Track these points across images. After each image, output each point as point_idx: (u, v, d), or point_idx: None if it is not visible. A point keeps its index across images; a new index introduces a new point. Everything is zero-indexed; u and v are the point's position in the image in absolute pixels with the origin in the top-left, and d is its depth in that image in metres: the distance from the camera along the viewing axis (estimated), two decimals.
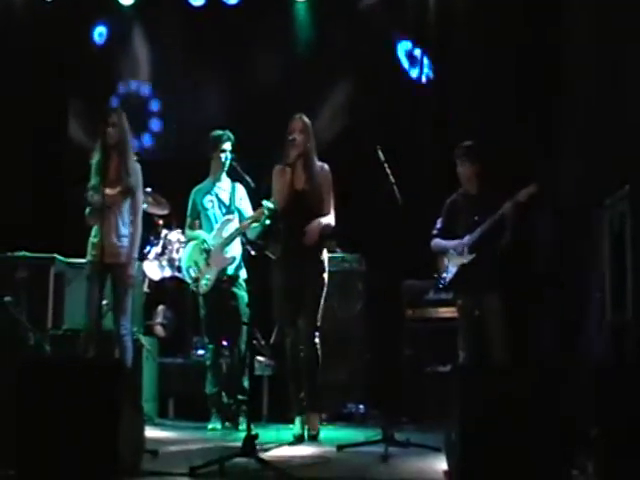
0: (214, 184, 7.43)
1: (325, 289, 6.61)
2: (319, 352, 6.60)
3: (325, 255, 6.68)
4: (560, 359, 6.35)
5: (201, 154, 7.47)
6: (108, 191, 6.44)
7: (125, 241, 6.56)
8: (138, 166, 6.68)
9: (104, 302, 6.65)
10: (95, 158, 6.57)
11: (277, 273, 6.62)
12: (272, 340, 7.79)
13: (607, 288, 6.63)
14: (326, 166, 6.70)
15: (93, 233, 6.53)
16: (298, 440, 6.44)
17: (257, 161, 7.19)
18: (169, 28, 9.56)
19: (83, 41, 9.55)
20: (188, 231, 7.50)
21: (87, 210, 6.52)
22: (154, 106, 9.61)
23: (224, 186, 7.42)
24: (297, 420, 6.60)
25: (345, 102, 9.16)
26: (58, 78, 9.36)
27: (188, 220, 7.49)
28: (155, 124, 9.56)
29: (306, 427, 6.54)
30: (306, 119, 6.65)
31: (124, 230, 6.56)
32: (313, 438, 6.50)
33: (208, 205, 7.39)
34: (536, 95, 8.18)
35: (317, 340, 6.58)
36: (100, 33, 9.66)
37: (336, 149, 8.46)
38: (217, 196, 7.40)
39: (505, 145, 7.96)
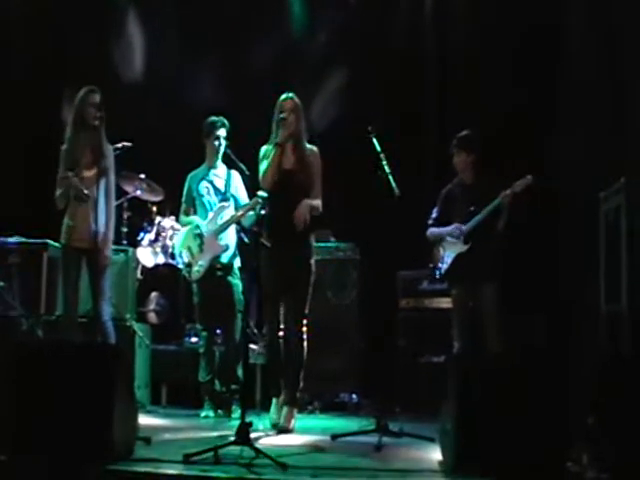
0: (209, 171, 7.40)
1: (313, 275, 6.50)
2: (304, 343, 6.46)
3: (313, 240, 6.58)
4: (554, 349, 6.34)
5: (196, 140, 7.43)
6: (85, 173, 6.37)
7: (102, 225, 6.38)
8: (110, 147, 6.55)
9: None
10: (66, 141, 6.47)
11: (264, 257, 6.43)
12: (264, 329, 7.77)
13: (602, 279, 6.64)
14: (315, 149, 6.58)
15: (68, 216, 6.42)
16: (273, 427, 6.33)
17: (252, 147, 7.15)
18: (163, 12, 9.52)
19: (78, 29, 9.49)
20: (183, 217, 7.47)
21: (58, 192, 6.42)
22: None
23: (220, 173, 7.39)
24: (273, 403, 6.54)
25: (341, 88, 9.11)
26: (53, 66, 9.31)
27: (183, 206, 7.46)
28: None
29: (282, 417, 6.42)
30: (297, 99, 6.53)
31: (100, 213, 6.37)
32: (285, 431, 6.31)
33: (203, 191, 7.35)
34: (533, 86, 8.16)
35: (304, 329, 6.45)
36: None
37: (331, 136, 8.43)
38: (212, 183, 7.36)
39: (501, 135, 7.94)
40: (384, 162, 6.20)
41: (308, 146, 6.57)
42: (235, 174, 7.30)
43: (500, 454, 4.53)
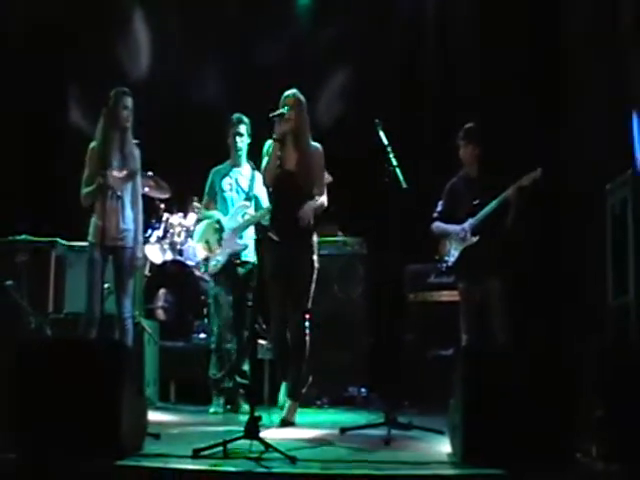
0: (232, 168, 7.38)
1: (315, 273, 6.46)
2: (307, 338, 6.43)
3: (315, 238, 6.54)
4: (562, 341, 6.34)
5: (203, 137, 7.45)
6: (116, 173, 6.45)
7: (130, 224, 6.55)
8: (138, 150, 6.67)
9: (105, 285, 6.64)
10: (97, 140, 6.54)
11: (267, 255, 6.42)
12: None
13: (609, 272, 6.63)
14: (319, 146, 6.51)
15: (96, 215, 6.50)
16: (284, 424, 6.24)
17: (259, 145, 7.15)
18: (167, 9, 9.54)
19: (83, 25, 9.50)
20: (204, 210, 7.47)
21: (86, 190, 6.49)
22: None
23: (245, 172, 7.36)
24: (282, 387, 6.58)
25: (347, 85, 9.12)
26: (57, 63, 9.32)
27: (205, 198, 7.45)
28: None
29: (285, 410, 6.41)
30: (300, 96, 6.45)
31: (128, 213, 6.55)
32: (288, 424, 6.31)
33: (226, 187, 7.34)
34: (539, 79, 8.16)
35: (306, 324, 6.43)
36: None
37: (338, 130, 8.45)
38: (236, 181, 7.34)
39: (508, 128, 7.93)
40: (391, 155, 6.20)
41: (313, 143, 6.53)
42: (259, 175, 7.26)
43: (508, 446, 4.52)
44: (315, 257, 6.50)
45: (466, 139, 6.87)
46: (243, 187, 7.33)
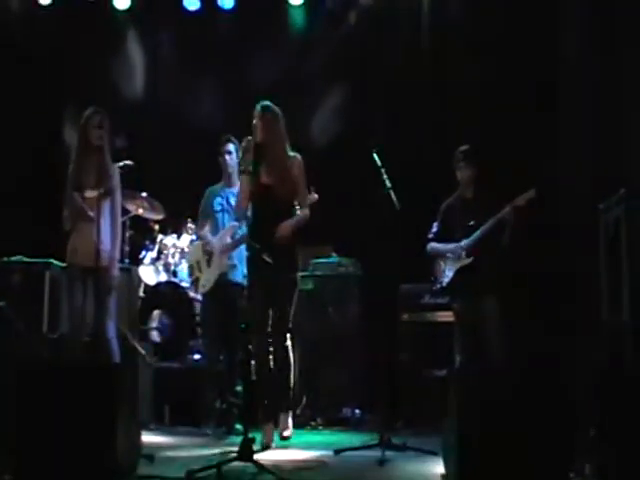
0: (225, 188, 7.39)
1: (297, 289, 6.45)
2: (290, 354, 6.42)
3: (297, 254, 6.50)
4: (557, 361, 6.34)
5: (197, 158, 7.47)
6: (89, 193, 6.44)
7: (107, 243, 6.48)
8: (116, 167, 6.63)
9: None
10: (74, 160, 6.55)
11: (249, 272, 6.39)
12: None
13: (604, 291, 6.63)
14: (298, 156, 6.43)
15: (73, 236, 6.52)
16: (265, 448, 6.13)
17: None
18: (165, 33, 9.57)
19: (78, 46, 9.53)
20: (198, 230, 7.50)
21: (65, 213, 6.51)
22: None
23: (236, 191, 7.38)
24: (264, 429, 6.39)
25: (341, 105, 9.14)
26: (54, 85, 9.35)
27: (199, 218, 7.46)
28: None
29: (277, 430, 6.39)
30: (269, 106, 6.34)
31: (105, 233, 6.46)
32: (285, 439, 6.35)
33: (217, 208, 7.35)
34: (533, 100, 8.19)
35: (288, 343, 6.41)
36: None
37: (333, 152, 8.46)
38: (227, 200, 7.34)
39: (503, 149, 7.96)
40: (385, 177, 6.22)
41: (291, 154, 6.44)
42: None
43: (503, 467, 4.52)
44: (298, 274, 6.50)
45: (466, 160, 6.89)
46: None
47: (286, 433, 6.41)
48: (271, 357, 6.43)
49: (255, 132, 6.27)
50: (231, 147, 7.28)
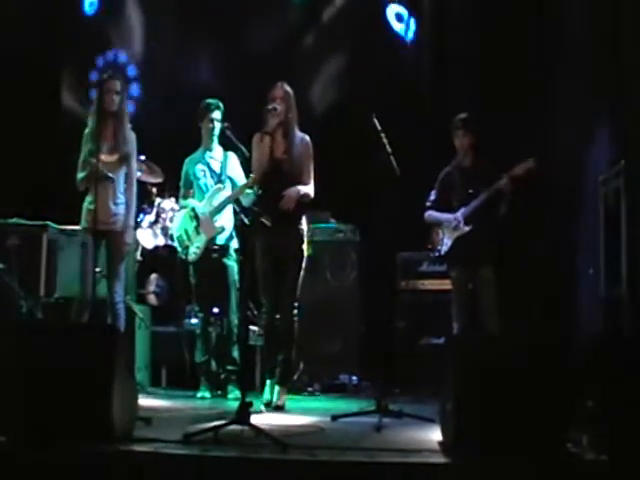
0: (205, 153, 7.42)
1: (304, 260, 6.54)
2: (296, 325, 6.58)
3: (304, 225, 6.59)
4: (554, 330, 6.36)
5: (195, 122, 7.43)
6: (105, 158, 6.44)
7: (122, 208, 6.56)
8: (133, 134, 6.67)
9: (97, 269, 6.64)
10: (90, 125, 6.53)
11: (257, 242, 6.45)
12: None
13: (601, 263, 6.64)
14: (307, 137, 6.58)
15: (88, 199, 6.52)
16: (267, 405, 6.37)
17: (249, 130, 7.13)
18: None
19: (74, 11, 9.46)
20: (182, 200, 7.51)
21: (80, 175, 6.50)
22: (131, 71, 9.58)
23: (216, 155, 7.41)
24: (267, 384, 6.57)
25: (340, 72, 9.09)
26: (50, 48, 9.29)
27: (182, 190, 7.50)
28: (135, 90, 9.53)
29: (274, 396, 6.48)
30: (287, 87, 6.52)
31: (120, 197, 6.56)
32: (278, 409, 6.41)
33: (200, 174, 7.38)
34: (532, 69, 8.15)
35: (295, 312, 6.54)
36: (91, 2, 9.60)
37: (333, 119, 8.42)
38: (208, 165, 7.39)
39: (501, 118, 7.92)
40: (385, 142, 6.19)
41: (299, 134, 6.57)
42: (232, 156, 7.30)
43: (500, 435, 4.53)
44: (304, 245, 6.54)
45: (464, 128, 6.86)
46: (216, 170, 7.37)
47: (280, 403, 6.46)
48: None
49: (276, 111, 6.38)
50: (218, 114, 7.27)
